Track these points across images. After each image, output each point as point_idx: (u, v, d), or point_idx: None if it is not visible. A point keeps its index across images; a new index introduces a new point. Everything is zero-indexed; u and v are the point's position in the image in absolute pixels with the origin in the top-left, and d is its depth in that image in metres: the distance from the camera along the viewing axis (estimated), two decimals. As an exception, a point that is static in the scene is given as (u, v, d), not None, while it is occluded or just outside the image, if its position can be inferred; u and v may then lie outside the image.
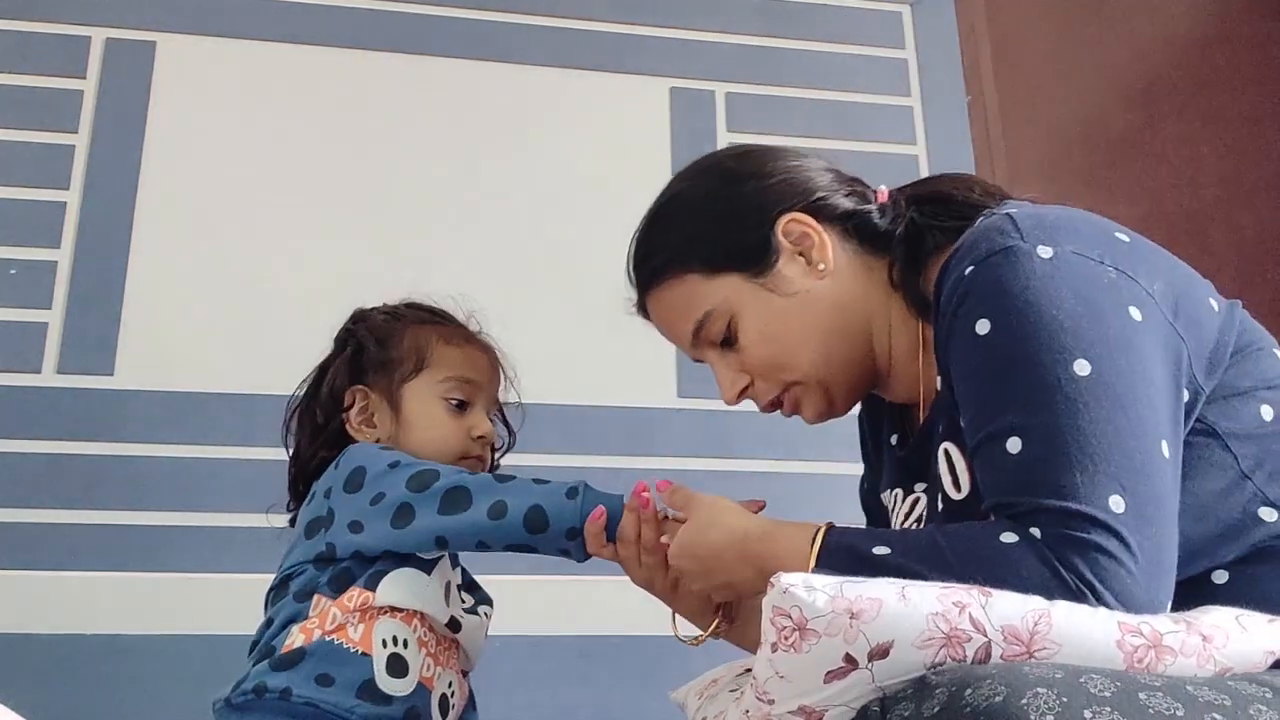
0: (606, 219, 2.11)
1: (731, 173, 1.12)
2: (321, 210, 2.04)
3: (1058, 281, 0.89)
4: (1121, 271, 0.92)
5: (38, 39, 2.03)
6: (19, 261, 1.92)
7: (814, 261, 1.07)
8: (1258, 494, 0.90)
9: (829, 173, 1.13)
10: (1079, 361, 0.86)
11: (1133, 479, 0.83)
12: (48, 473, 1.82)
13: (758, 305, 1.07)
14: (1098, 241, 0.94)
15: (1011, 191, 1.11)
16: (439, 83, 2.15)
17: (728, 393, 1.12)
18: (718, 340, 1.10)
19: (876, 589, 0.79)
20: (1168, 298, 0.93)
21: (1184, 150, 2.46)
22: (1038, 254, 0.91)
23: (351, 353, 1.28)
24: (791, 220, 1.07)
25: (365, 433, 1.25)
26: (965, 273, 0.93)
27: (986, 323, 0.90)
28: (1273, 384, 0.95)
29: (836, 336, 1.07)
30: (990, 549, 0.84)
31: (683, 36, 2.27)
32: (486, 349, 1.31)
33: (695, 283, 1.09)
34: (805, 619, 0.78)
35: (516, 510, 1.11)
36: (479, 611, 1.24)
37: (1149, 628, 0.78)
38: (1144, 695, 0.69)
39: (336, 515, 1.16)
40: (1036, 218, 0.95)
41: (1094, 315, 0.88)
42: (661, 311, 1.14)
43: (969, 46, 2.40)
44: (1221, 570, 0.90)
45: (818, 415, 1.12)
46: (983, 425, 0.90)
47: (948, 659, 0.76)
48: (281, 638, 1.13)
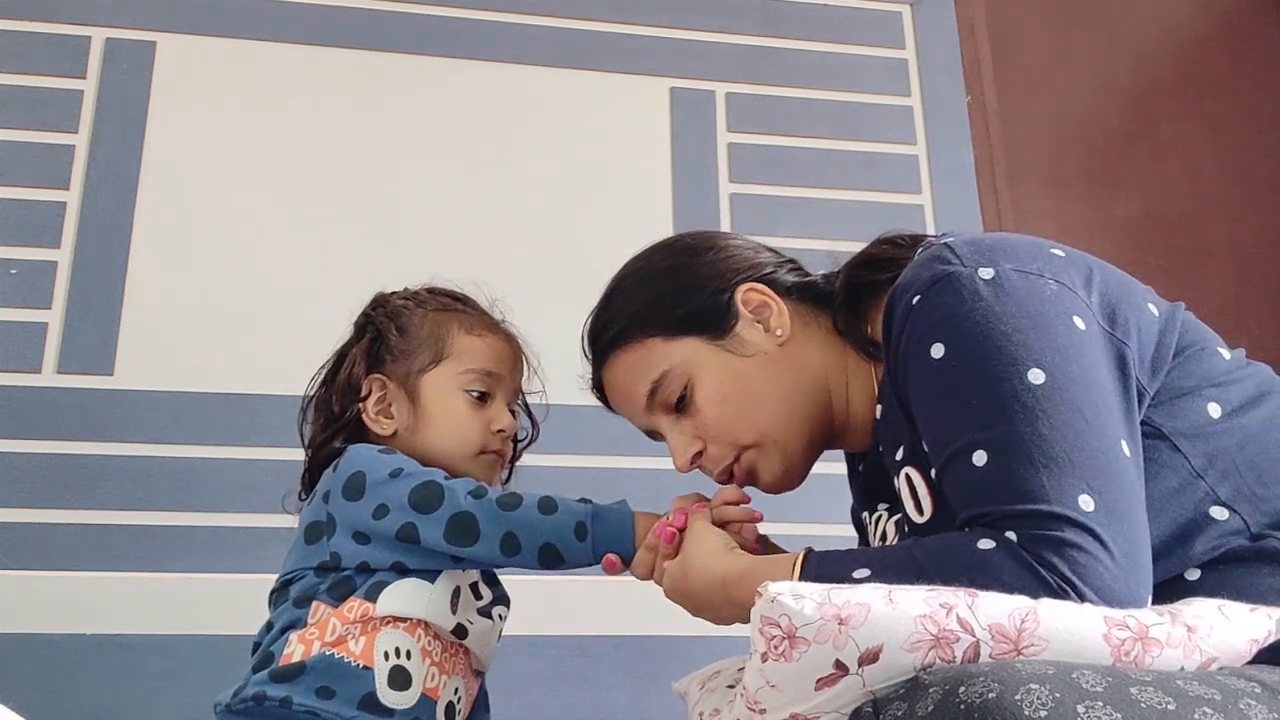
0: (606, 219, 2.12)
1: (687, 247, 1.16)
2: (321, 210, 2.04)
3: (1002, 298, 0.92)
4: (1061, 284, 0.94)
5: (38, 39, 2.03)
6: (19, 261, 1.92)
7: (771, 328, 1.11)
8: (1209, 493, 0.91)
9: (768, 252, 1.18)
10: (1033, 371, 0.88)
11: (1099, 478, 0.85)
12: (48, 473, 1.82)
13: (716, 366, 1.10)
14: (1034, 257, 0.96)
15: (1011, 191, 1.11)
16: (439, 83, 2.15)
17: (680, 459, 1.13)
18: (672, 402, 1.11)
19: (864, 594, 0.79)
20: (1104, 307, 0.95)
21: (1183, 150, 2.46)
22: (979, 275, 0.94)
23: (370, 340, 1.24)
24: (750, 289, 1.11)
25: (382, 423, 1.21)
26: (913, 303, 0.96)
27: (940, 346, 0.93)
28: (1217, 381, 0.96)
29: (795, 395, 1.10)
30: (969, 557, 0.85)
31: (683, 36, 2.27)
32: (509, 338, 1.28)
33: (655, 345, 1.11)
34: (794, 627, 0.78)
35: (530, 548, 1.09)
36: (493, 614, 1.21)
37: (1135, 621, 0.78)
38: (1135, 690, 0.69)
39: (338, 523, 1.13)
40: (973, 243, 0.98)
41: (1041, 326, 0.91)
42: (618, 376, 1.15)
43: (969, 46, 2.40)
44: (1194, 569, 0.91)
45: (774, 480, 1.13)
46: (947, 445, 0.92)
47: (937, 660, 0.76)
48: (280, 645, 1.11)
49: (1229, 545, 0.90)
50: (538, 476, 1.93)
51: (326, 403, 1.24)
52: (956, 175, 2.27)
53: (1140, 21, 2.54)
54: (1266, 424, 0.95)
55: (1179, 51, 2.54)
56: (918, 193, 2.24)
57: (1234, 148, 2.48)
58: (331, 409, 1.23)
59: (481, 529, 1.09)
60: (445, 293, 1.30)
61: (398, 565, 1.12)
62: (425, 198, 2.08)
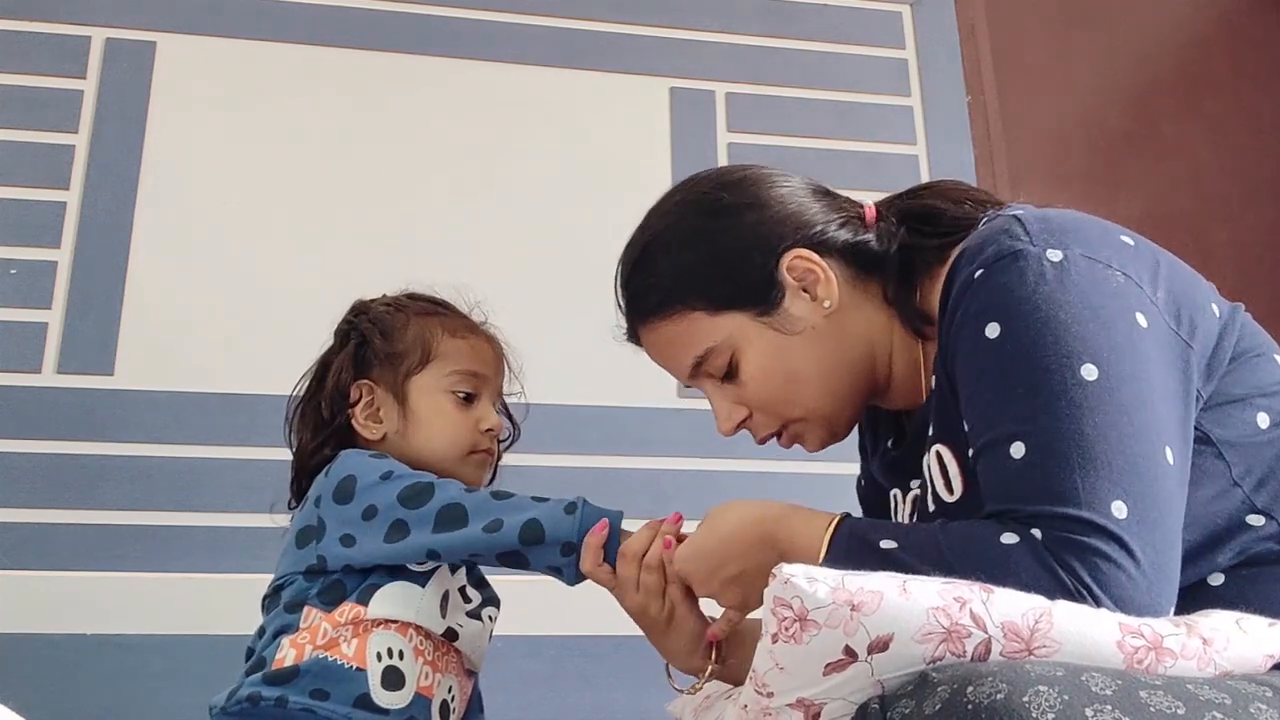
0: (606, 219, 2.11)
1: (726, 207, 1.08)
2: (321, 210, 2.04)
3: (1066, 285, 0.89)
4: (1129, 276, 0.92)
5: (38, 39, 2.03)
6: (19, 261, 1.92)
7: (819, 298, 1.06)
8: (1246, 500, 0.90)
9: (817, 197, 1.11)
10: (1086, 366, 0.86)
11: (1136, 485, 0.83)
12: (48, 473, 1.82)
13: (762, 343, 1.06)
14: (1105, 244, 0.94)
15: (1011, 191, 1.11)
16: (439, 83, 2.15)
17: (724, 424, 1.11)
18: (719, 375, 1.09)
19: (878, 582, 0.79)
20: (1170, 304, 0.92)
21: (1184, 150, 2.46)
22: (1047, 257, 0.91)
23: (355, 346, 1.25)
24: (796, 257, 1.05)
25: (371, 428, 1.22)
26: (974, 276, 0.93)
27: (996, 326, 0.90)
28: (1267, 391, 0.94)
29: (842, 369, 1.07)
30: (990, 549, 0.84)
31: (683, 36, 2.27)
32: (491, 340, 1.29)
33: (698, 319, 1.07)
34: (806, 610, 0.78)
35: (512, 524, 1.09)
36: (482, 615, 1.21)
37: (1150, 630, 0.78)
38: (1145, 694, 0.69)
39: (327, 526, 1.13)
40: (1044, 220, 0.95)
41: (1102, 320, 0.88)
42: (659, 344, 1.12)
43: (969, 46, 2.40)
44: (1218, 573, 0.90)
45: (820, 446, 1.12)
46: (986, 430, 0.90)
47: (947, 654, 0.76)
48: (272, 649, 1.11)
49: (1256, 550, 0.89)
50: (537, 476, 1.93)
51: (315, 410, 1.24)
52: (956, 175, 2.22)
53: (1141, 21, 2.54)
54: None
55: (1179, 51, 2.54)
56: (918, 193, 2.23)
57: (1235, 147, 2.48)
58: (320, 416, 1.23)
59: (469, 515, 1.10)
60: (426, 298, 1.30)
61: (380, 568, 1.12)
62: (425, 197, 2.08)
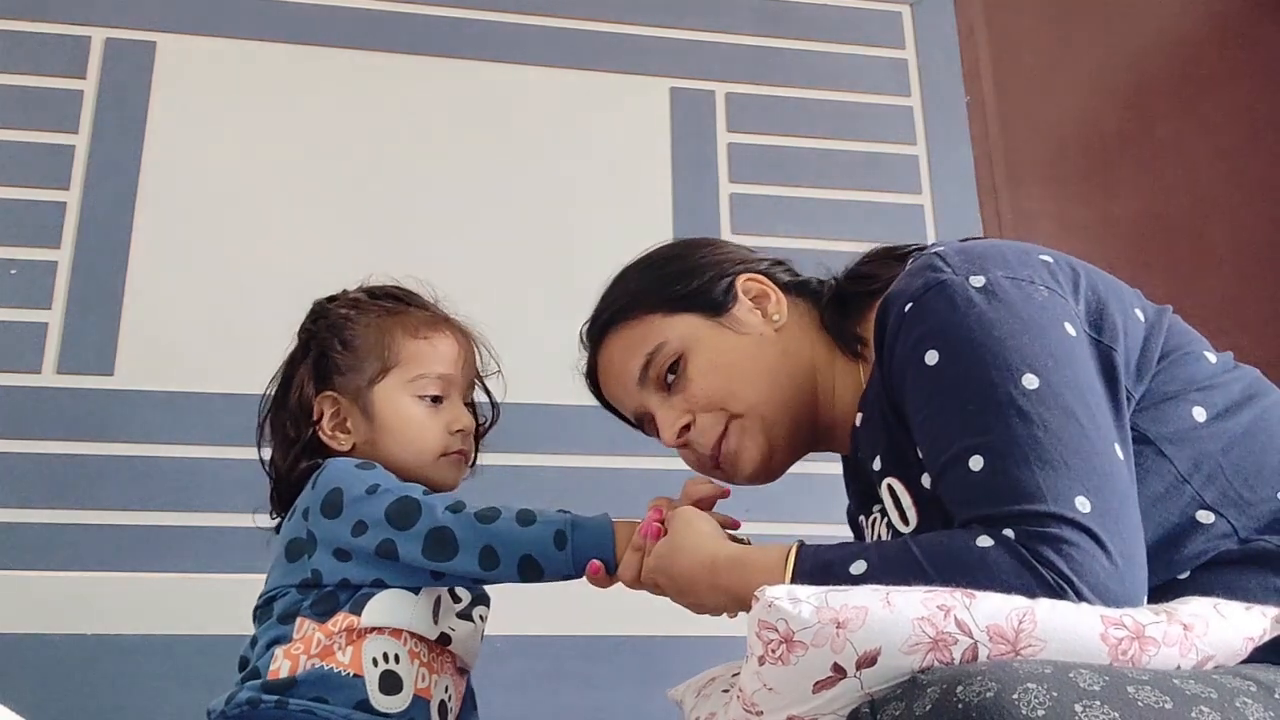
0: (606, 219, 2.12)
1: (687, 241, 1.23)
2: (321, 210, 2.04)
3: (994, 305, 0.93)
4: (1051, 290, 0.95)
5: (38, 39, 2.03)
6: (19, 261, 1.92)
7: (769, 314, 1.14)
8: (1195, 497, 0.92)
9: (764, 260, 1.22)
10: (1027, 376, 0.89)
11: (1094, 480, 0.86)
12: (48, 473, 1.82)
13: (712, 340, 1.12)
14: (1024, 264, 0.97)
15: (1011, 191, 1.12)
16: (439, 83, 2.15)
17: (667, 432, 1.13)
18: (664, 376, 1.12)
19: (861, 597, 0.79)
20: (1091, 313, 0.96)
21: (1183, 150, 2.46)
22: (971, 283, 0.95)
23: (315, 358, 1.22)
24: (750, 279, 1.15)
25: (339, 439, 1.19)
26: (905, 310, 0.97)
27: (934, 353, 0.94)
28: (1201, 385, 0.97)
29: (783, 377, 1.12)
30: (966, 554, 0.85)
31: (683, 36, 2.27)
32: (455, 333, 1.25)
33: (653, 320, 1.14)
34: (791, 631, 0.78)
35: (509, 562, 1.08)
36: (473, 615, 1.20)
37: (1131, 620, 0.78)
38: (1132, 689, 0.70)
39: (319, 540, 1.12)
40: (963, 251, 1.00)
41: (1034, 331, 0.92)
42: (614, 354, 1.16)
43: (969, 46, 2.40)
44: (1185, 572, 0.92)
45: (755, 465, 1.12)
46: (943, 451, 0.92)
47: (935, 663, 0.76)
48: (266, 660, 1.11)
49: (1218, 549, 0.91)
50: (536, 476, 1.94)
51: (281, 426, 1.22)
52: (956, 175, 2.27)
53: (1139, 22, 2.55)
54: (1252, 427, 0.95)
55: (1177, 52, 2.54)
56: (917, 193, 2.24)
57: (1232, 147, 2.48)
58: (287, 433, 1.21)
59: (459, 543, 1.08)
60: (386, 293, 1.27)
61: (379, 581, 1.11)
62: (425, 197, 2.08)
